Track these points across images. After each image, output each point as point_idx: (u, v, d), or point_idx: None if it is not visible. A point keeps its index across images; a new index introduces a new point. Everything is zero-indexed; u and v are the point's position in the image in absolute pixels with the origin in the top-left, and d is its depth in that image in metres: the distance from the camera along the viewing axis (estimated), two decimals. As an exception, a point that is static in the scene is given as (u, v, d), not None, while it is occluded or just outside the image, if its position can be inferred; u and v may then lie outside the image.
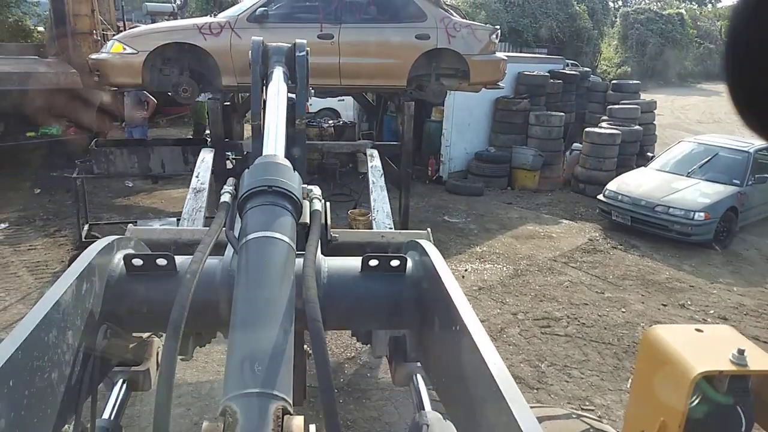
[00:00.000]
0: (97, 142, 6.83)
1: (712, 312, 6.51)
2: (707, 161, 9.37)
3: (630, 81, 14.05)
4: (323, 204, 1.54)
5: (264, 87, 2.14)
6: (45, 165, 10.05)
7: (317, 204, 1.48)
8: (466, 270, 7.22)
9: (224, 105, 7.06)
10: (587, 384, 5.00)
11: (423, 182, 11.12)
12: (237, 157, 6.71)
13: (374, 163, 5.24)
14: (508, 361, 5.12)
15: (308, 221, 1.40)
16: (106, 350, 1.37)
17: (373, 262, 1.48)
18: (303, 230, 1.37)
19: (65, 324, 1.18)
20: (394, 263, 1.49)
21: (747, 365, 2.53)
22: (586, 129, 11.43)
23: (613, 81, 14.13)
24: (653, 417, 2.71)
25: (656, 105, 13.12)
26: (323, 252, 1.52)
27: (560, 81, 12.66)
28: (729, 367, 2.54)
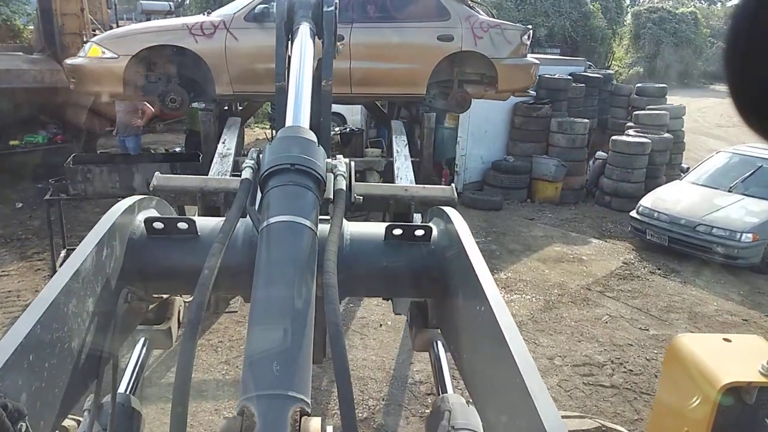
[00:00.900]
0: (75, 158, 6.03)
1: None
2: (751, 175, 8.53)
3: (656, 84, 13.18)
4: (348, 180, 1.43)
5: (289, 45, 1.99)
6: (29, 176, 9.27)
7: (341, 181, 1.36)
8: (491, 301, 6.41)
9: (222, 111, 6.27)
10: (647, 455, 4.19)
11: (436, 194, 10.31)
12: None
13: (398, 134, 5.40)
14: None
15: (332, 197, 1.31)
16: (127, 314, 1.35)
17: (397, 231, 1.46)
18: (326, 204, 1.31)
19: (85, 292, 1.17)
20: (419, 233, 1.47)
21: None
22: (613, 137, 10.59)
23: (638, 84, 13.27)
24: (677, 428, 2.69)
25: (685, 110, 12.25)
26: (346, 215, 1.38)
27: (583, 84, 11.83)
28: (758, 378, 2.49)
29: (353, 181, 1.66)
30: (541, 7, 25.61)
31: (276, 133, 1.41)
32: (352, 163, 1.59)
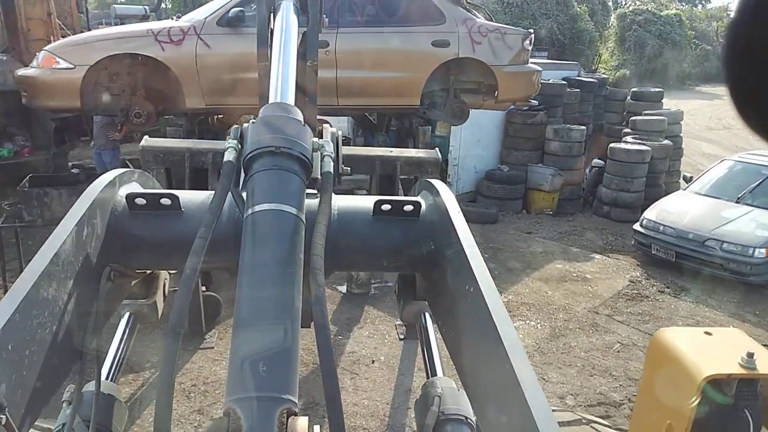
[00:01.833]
0: (31, 180, 5.41)
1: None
2: (758, 185, 8.10)
3: (652, 89, 12.80)
4: (336, 153, 1.38)
5: (271, 22, 1.89)
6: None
7: (329, 163, 1.29)
8: (493, 329, 5.89)
9: (197, 124, 5.70)
10: None
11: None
12: None
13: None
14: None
15: (319, 176, 1.25)
16: (110, 292, 1.31)
17: (386, 207, 1.44)
18: (313, 182, 1.26)
19: (65, 275, 1.14)
20: (408, 208, 1.45)
21: (756, 369, 2.53)
22: (611, 145, 10.14)
23: (633, 89, 12.86)
24: (660, 420, 2.72)
25: (683, 115, 11.85)
26: (334, 188, 1.30)
27: (578, 90, 11.39)
28: (738, 371, 2.55)
29: (341, 151, 1.62)
30: (528, 10, 25.30)
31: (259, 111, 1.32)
32: (339, 132, 1.57)
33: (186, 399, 4.73)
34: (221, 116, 6.35)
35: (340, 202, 1.48)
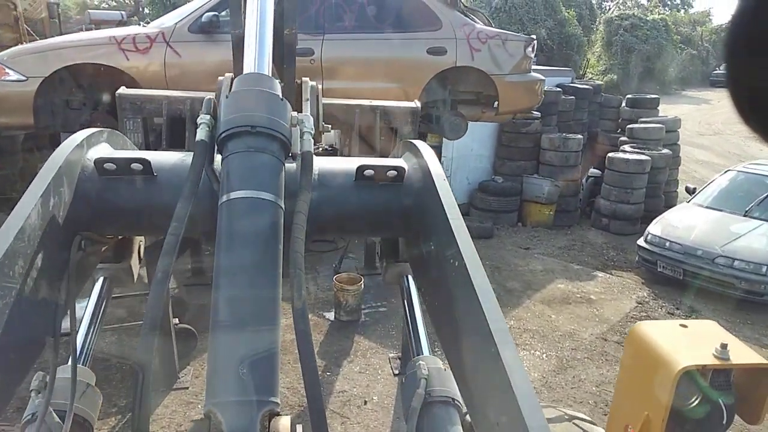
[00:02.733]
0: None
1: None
2: (767, 197, 7.73)
3: (648, 95, 12.44)
4: (316, 121, 1.42)
5: None
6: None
7: (308, 141, 1.22)
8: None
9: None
10: None
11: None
12: None
13: None
14: None
15: (298, 151, 1.20)
16: (82, 261, 1.26)
17: (369, 173, 1.38)
18: (291, 160, 1.22)
19: (32, 249, 1.07)
20: (391, 174, 1.39)
21: (729, 359, 2.66)
22: (609, 154, 9.74)
23: (628, 96, 12.50)
24: (638, 411, 2.81)
25: (681, 123, 11.50)
26: (315, 142, 1.27)
27: (572, 97, 10.99)
28: (712, 362, 2.66)
29: (320, 108, 1.56)
30: (516, 15, 25.00)
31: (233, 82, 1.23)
32: (319, 87, 1.56)
33: (155, 453, 4.20)
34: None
35: (322, 165, 1.40)
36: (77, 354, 1.28)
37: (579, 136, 9.98)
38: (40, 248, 1.11)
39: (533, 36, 5.44)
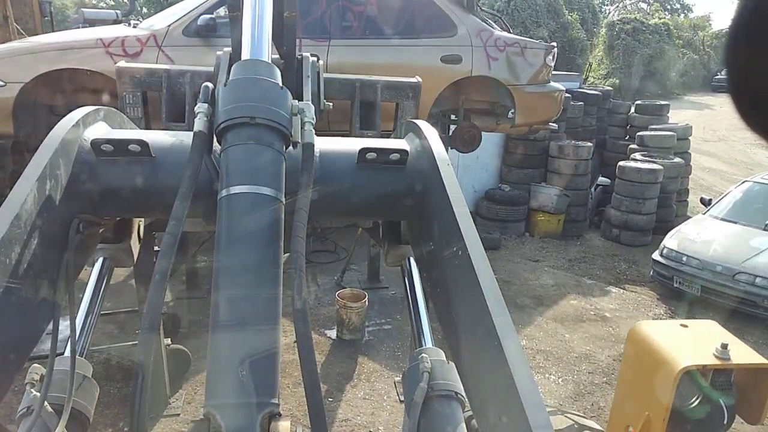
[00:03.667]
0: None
1: None
2: (788, 210, 7.43)
3: (657, 101, 12.13)
4: (317, 99, 1.41)
5: None
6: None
7: (310, 132, 1.18)
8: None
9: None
10: None
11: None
12: None
13: None
14: None
15: (299, 140, 1.16)
16: (81, 244, 1.22)
17: (371, 155, 1.35)
18: (293, 149, 1.17)
19: (29, 235, 1.05)
20: (394, 156, 1.36)
21: (730, 359, 2.65)
22: (620, 163, 9.42)
23: (637, 102, 12.19)
24: (638, 411, 2.82)
25: (692, 130, 11.19)
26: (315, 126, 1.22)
27: (581, 103, 10.67)
28: (713, 362, 2.67)
29: (322, 85, 1.56)
30: (519, 18, 24.70)
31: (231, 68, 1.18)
32: (320, 62, 1.54)
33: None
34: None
35: (323, 147, 1.37)
36: (76, 340, 1.24)
37: (589, 144, 9.67)
38: (38, 233, 1.08)
39: (554, 43, 5.12)
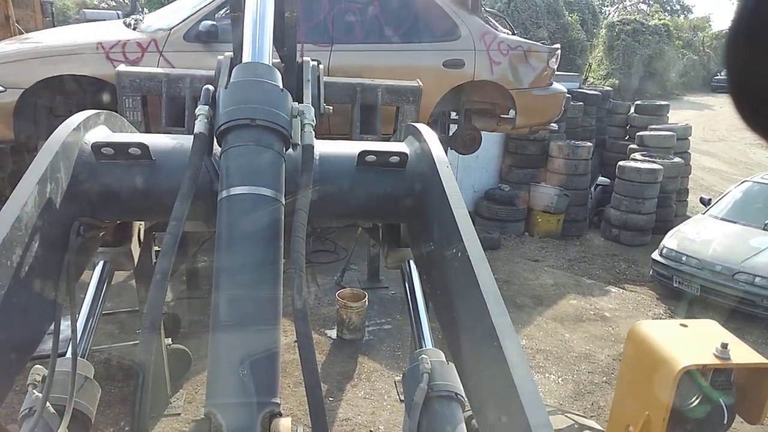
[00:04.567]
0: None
1: None
2: (788, 210, 7.44)
3: (657, 102, 12.15)
4: (317, 101, 1.44)
5: None
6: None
7: (309, 134, 1.19)
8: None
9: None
10: None
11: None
12: None
13: None
14: None
15: (299, 142, 1.17)
16: (81, 247, 1.23)
17: (371, 158, 1.36)
18: (293, 150, 1.19)
19: (30, 238, 1.05)
20: (394, 159, 1.36)
21: (730, 359, 2.66)
22: (620, 163, 9.43)
23: (637, 102, 12.21)
24: (638, 411, 2.82)
25: (692, 131, 11.20)
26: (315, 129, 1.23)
27: (581, 103, 10.69)
28: (713, 361, 2.67)
29: (322, 88, 1.55)
30: (519, 19, 24.70)
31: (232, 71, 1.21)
32: (321, 66, 1.54)
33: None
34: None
35: (323, 150, 1.38)
36: (77, 342, 1.25)
37: (589, 144, 9.68)
38: (39, 236, 1.08)
39: (557, 45, 5.10)
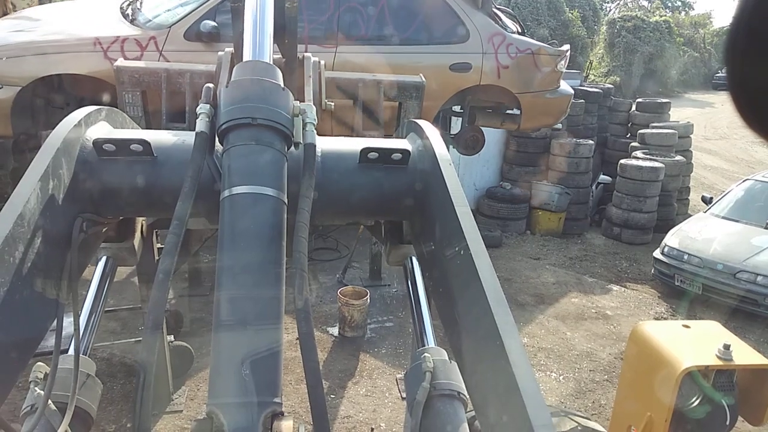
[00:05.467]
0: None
1: None
2: (789, 208, 7.42)
3: (658, 99, 12.13)
4: (319, 97, 1.48)
5: None
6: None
7: (311, 133, 1.19)
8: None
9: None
10: None
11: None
12: None
13: None
14: None
15: (300, 141, 1.17)
16: (84, 243, 1.23)
17: (373, 155, 1.35)
18: (294, 149, 1.18)
19: (32, 234, 1.05)
20: (396, 156, 1.36)
21: (732, 360, 2.66)
22: (621, 161, 9.42)
23: (639, 100, 12.18)
24: (640, 412, 2.82)
25: (693, 128, 11.18)
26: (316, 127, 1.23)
27: (582, 100, 10.65)
28: (715, 362, 2.67)
29: (323, 84, 1.63)
30: (520, 16, 24.61)
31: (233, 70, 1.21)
32: (323, 63, 1.60)
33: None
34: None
35: (325, 147, 1.38)
36: (79, 339, 1.25)
37: (590, 142, 9.67)
38: (41, 232, 1.08)
39: (566, 47, 5.06)
